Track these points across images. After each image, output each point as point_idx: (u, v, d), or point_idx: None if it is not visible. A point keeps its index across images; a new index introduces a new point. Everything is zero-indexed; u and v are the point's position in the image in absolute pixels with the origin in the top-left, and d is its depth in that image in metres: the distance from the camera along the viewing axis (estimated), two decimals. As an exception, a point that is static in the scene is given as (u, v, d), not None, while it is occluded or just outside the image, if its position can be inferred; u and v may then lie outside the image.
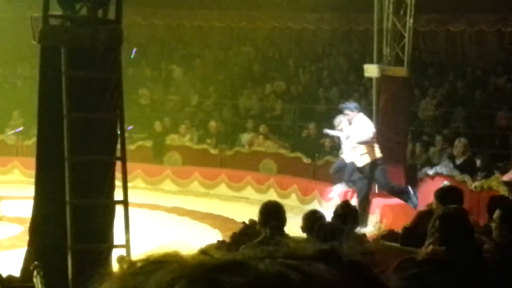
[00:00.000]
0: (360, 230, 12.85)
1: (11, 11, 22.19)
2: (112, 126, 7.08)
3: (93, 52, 6.97)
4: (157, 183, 17.54)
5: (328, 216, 7.08)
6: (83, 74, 6.89)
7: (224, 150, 17.94)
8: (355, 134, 13.66)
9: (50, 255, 6.55)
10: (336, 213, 6.86)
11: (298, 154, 17.02)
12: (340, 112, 14.24)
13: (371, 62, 15.52)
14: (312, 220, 6.26)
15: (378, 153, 13.68)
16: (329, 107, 19.43)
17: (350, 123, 13.82)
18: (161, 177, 17.62)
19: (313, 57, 22.42)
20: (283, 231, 5.97)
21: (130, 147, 16.10)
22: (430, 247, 5.42)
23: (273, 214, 5.98)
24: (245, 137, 18.47)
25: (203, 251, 1.02)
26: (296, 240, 1.13)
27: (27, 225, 9.35)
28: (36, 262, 5.93)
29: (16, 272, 6.65)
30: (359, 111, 13.84)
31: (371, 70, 15.29)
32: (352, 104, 14.04)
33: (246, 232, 6.72)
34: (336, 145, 16.26)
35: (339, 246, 1.00)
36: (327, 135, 15.57)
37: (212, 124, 18.81)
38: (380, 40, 15.23)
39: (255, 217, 7.39)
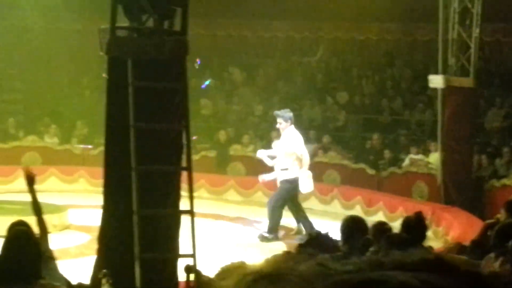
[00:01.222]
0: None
1: (77, 23, 22.60)
2: (178, 136, 7.13)
3: (159, 62, 7.04)
4: (221, 193, 17.62)
5: None
6: (149, 84, 6.96)
7: (287, 160, 17.91)
8: (282, 145, 13.21)
9: (118, 263, 6.62)
10: (406, 225, 6.78)
11: (362, 165, 16.92)
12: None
13: (436, 72, 15.37)
14: (380, 231, 6.21)
15: (295, 173, 13.08)
16: (393, 117, 19.31)
17: (280, 133, 13.24)
18: (225, 187, 17.69)
19: (376, 67, 22.29)
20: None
21: (194, 157, 16.18)
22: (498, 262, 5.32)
23: (356, 230, 5.95)
24: (309, 148, 18.41)
25: (319, 263, 1.03)
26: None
27: (94, 233, 9.48)
28: (105, 270, 6.00)
29: (85, 280, 6.74)
30: (292, 123, 13.28)
31: (436, 81, 15.14)
32: (288, 114, 13.41)
33: (311, 243, 6.68)
34: (397, 157, 16.14)
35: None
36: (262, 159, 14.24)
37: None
38: (445, 50, 15.08)
39: (319, 227, 7.38)
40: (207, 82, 21.89)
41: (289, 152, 12.93)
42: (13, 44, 22.24)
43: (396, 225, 8.13)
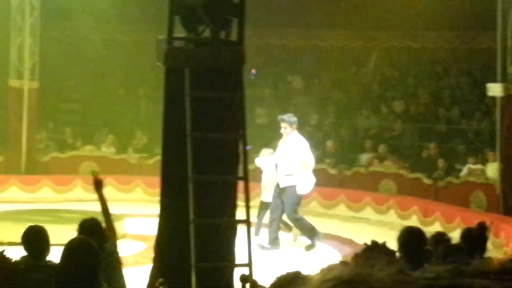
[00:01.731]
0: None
1: (134, 34, 22.84)
2: (234, 145, 7.15)
3: (216, 72, 7.08)
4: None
5: None
6: (206, 94, 6.99)
7: (343, 170, 17.86)
8: (289, 151, 12.93)
9: (174, 272, 6.65)
10: (467, 235, 6.69)
11: (418, 175, 16.76)
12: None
13: (494, 81, 15.16)
14: (438, 241, 6.14)
15: (300, 179, 12.86)
16: (449, 127, 19.10)
17: (284, 137, 12.94)
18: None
19: (432, 76, 22.07)
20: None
21: (250, 167, 16.20)
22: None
23: (414, 241, 5.88)
24: (364, 157, 18.34)
25: (398, 270, 1.03)
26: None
27: (150, 242, 9.55)
28: (161, 279, 6.04)
29: (141, 289, 6.80)
30: (296, 127, 13.06)
31: (495, 89, 14.94)
32: (293, 119, 13.16)
33: (368, 254, 6.62)
34: (454, 166, 15.94)
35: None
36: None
37: (330, 143, 18.76)
38: (504, 58, 14.86)
39: (375, 237, 7.29)
40: (254, 73, 21.92)
41: (294, 157, 12.82)
42: (71, 56, 22.57)
43: (453, 236, 8.02)
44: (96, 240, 5.87)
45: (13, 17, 19.22)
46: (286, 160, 12.83)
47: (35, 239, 6.08)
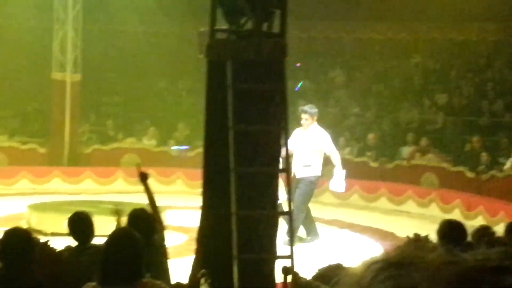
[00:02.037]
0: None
1: (175, 26, 22.93)
2: (276, 138, 7.13)
3: (258, 65, 7.06)
4: (317, 196, 17.52)
5: None
6: (248, 86, 6.98)
7: (384, 163, 17.76)
8: (308, 142, 12.67)
9: (216, 263, 6.67)
10: (510, 229, 6.62)
11: (461, 168, 16.61)
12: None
13: (539, 73, 14.95)
14: (482, 235, 6.08)
15: (319, 171, 12.63)
16: (493, 120, 18.89)
17: (304, 128, 12.68)
18: (320, 190, 17.60)
19: (476, 68, 21.84)
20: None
21: (291, 159, 16.20)
22: None
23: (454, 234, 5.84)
24: (406, 150, 18.22)
25: (447, 252, 1.02)
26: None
27: (191, 234, 9.59)
28: (203, 270, 6.05)
29: (183, 279, 6.81)
30: (317, 119, 12.80)
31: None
32: (314, 110, 12.91)
33: (410, 246, 6.59)
34: (497, 160, 15.75)
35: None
36: None
37: (371, 136, 18.66)
38: (549, 50, 14.66)
39: (417, 231, 7.24)
40: (299, 84, 21.87)
41: (317, 149, 12.64)
42: (112, 48, 22.73)
43: (497, 230, 7.94)
44: (144, 231, 5.93)
45: (56, 10, 19.39)
46: (304, 151, 12.62)
47: (81, 224, 6.27)
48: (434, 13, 21.42)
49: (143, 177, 7.12)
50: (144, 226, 6.29)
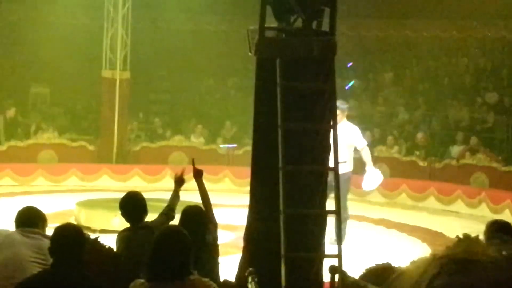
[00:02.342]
0: None
1: (222, 24, 23.00)
2: (325, 136, 7.09)
3: (307, 63, 7.03)
4: (365, 195, 17.47)
5: None
6: (297, 84, 6.95)
7: (433, 162, 17.61)
8: (341, 138, 12.33)
9: (264, 262, 6.65)
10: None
11: (512, 168, 16.42)
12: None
13: None
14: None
15: (352, 167, 12.49)
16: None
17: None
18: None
19: (528, 67, 21.52)
20: None
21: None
22: None
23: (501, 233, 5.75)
24: (455, 149, 18.04)
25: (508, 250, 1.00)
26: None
27: (239, 232, 9.60)
28: (250, 269, 6.04)
29: (231, 277, 6.82)
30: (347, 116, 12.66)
31: None
32: (344, 105, 12.72)
33: (461, 246, 6.49)
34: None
35: None
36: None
37: (420, 135, 18.52)
38: None
39: (466, 231, 7.16)
40: (351, 83, 21.77)
41: (349, 144, 12.52)
42: (161, 46, 22.86)
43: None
44: (196, 229, 5.95)
45: (106, 8, 19.57)
46: (338, 147, 12.43)
47: (133, 204, 6.43)
48: (486, 11, 21.16)
49: (198, 174, 7.17)
50: (196, 224, 6.31)
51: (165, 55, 23.02)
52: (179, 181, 7.28)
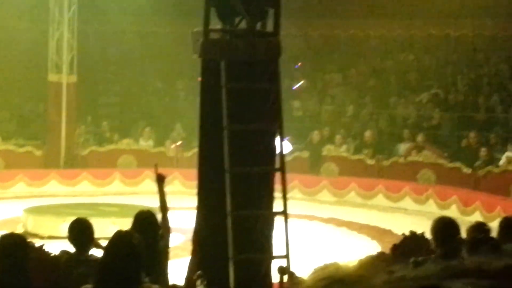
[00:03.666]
0: None
1: (169, 26, 22.90)
2: (271, 137, 7.11)
3: (252, 64, 7.03)
4: (314, 194, 17.57)
5: None
6: (242, 86, 6.96)
7: (381, 160, 17.76)
8: None
9: (212, 264, 6.64)
10: (506, 225, 6.58)
11: (458, 164, 16.60)
12: None
13: (534, 68, 14.95)
14: (476, 232, 6.06)
15: None
16: (489, 115, 18.87)
17: None
18: (318, 188, 17.64)
19: (471, 64, 21.82)
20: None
21: (287, 158, 16.18)
22: None
23: (446, 231, 5.80)
24: (402, 147, 18.21)
25: (389, 271, 1.00)
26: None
27: (189, 235, 9.55)
28: (199, 272, 6.03)
29: (180, 281, 6.79)
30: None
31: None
32: None
33: (407, 244, 6.57)
34: (494, 155, 15.73)
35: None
36: None
37: (368, 134, 18.66)
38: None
39: (414, 228, 7.23)
40: (299, 84, 21.85)
41: None
42: (108, 49, 22.69)
43: (494, 225, 7.92)
44: (148, 234, 5.85)
45: (51, 12, 19.35)
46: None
47: (80, 231, 6.10)
48: (430, 10, 21.40)
49: (160, 179, 7.03)
50: (149, 230, 6.21)
51: (113, 58, 22.85)
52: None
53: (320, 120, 20.37)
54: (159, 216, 6.75)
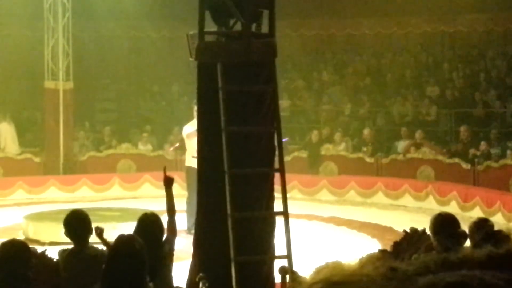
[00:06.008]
0: None
1: (164, 30, 22.92)
2: (270, 138, 7.13)
3: (248, 66, 7.05)
4: (314, 194, 17.58)
5: None
6: (239, 88, 6.98)
7: (380, 158, 17.78)
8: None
9: (214, 266, 6.66)
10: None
11: (456, 160, 16.62)
12: None
13: (530, 62, 14.97)
14: (479, 227, 6.07)
15: None
16: (486, 110, 18.90)
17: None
18: (317, 188, 17.65)
19: (468, 60, 21.86)
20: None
21: (286, 158, 16.20)
22: None
23: (446, 227, 5.82)
24: (401, 144, 18.23)
25: (391, 268, 1.01)
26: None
27: (189, 238, 9.56)
28: (201, 274, 6.04)
29: (181, 284, 6.81)
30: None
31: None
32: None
33: (408, 241, 6.58)
34: (492, 150, 15.72)
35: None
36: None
37: (366, 132, 18.68)
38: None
39: (414, 224, 7.24)
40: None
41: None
42: (103, 54, 22.70)
43: (494, 220, 7.95)
44: (152, 238, 5.82)
45: (46, 19, 19.35)
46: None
47: (77, 222, 6.09)
48: (425, 6, 21.44)
49: (168, 182, 6.98)
50: (153, 233, 6.14)
51: (108, 64, 22.87)
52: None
53: (318, 119, 20.39)
54: (164, 219, 6.72)
